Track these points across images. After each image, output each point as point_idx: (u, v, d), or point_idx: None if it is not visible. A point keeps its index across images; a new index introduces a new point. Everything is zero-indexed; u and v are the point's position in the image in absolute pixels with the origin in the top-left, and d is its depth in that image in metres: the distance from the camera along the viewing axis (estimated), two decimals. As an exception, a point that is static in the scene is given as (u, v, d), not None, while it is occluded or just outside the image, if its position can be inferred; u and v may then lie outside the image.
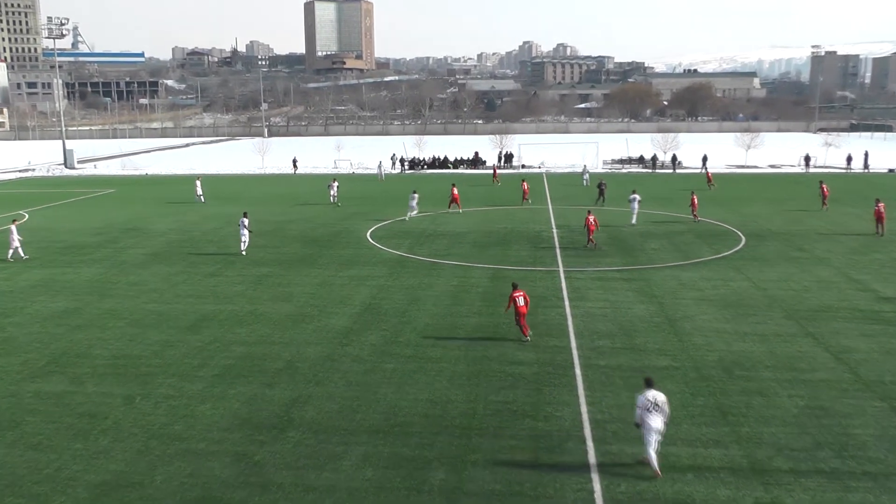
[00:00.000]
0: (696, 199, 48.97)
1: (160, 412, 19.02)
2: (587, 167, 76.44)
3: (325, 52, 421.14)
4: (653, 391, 15.71)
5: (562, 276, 33.27)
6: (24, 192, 71.55)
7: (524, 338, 24.18)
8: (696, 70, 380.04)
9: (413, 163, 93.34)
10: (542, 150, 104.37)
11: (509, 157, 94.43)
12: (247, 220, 39.66)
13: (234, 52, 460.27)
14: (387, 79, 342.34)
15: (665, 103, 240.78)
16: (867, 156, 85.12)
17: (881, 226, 42.71)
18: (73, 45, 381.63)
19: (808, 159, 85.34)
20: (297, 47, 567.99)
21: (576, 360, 22.31)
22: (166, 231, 47.05)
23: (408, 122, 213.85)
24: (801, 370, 21.32)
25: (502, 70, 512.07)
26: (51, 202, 62.77)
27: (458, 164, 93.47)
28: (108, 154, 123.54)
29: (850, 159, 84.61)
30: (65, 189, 73.59)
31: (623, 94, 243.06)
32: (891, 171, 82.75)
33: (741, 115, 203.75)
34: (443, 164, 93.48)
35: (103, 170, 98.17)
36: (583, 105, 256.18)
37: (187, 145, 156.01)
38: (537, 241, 42.12)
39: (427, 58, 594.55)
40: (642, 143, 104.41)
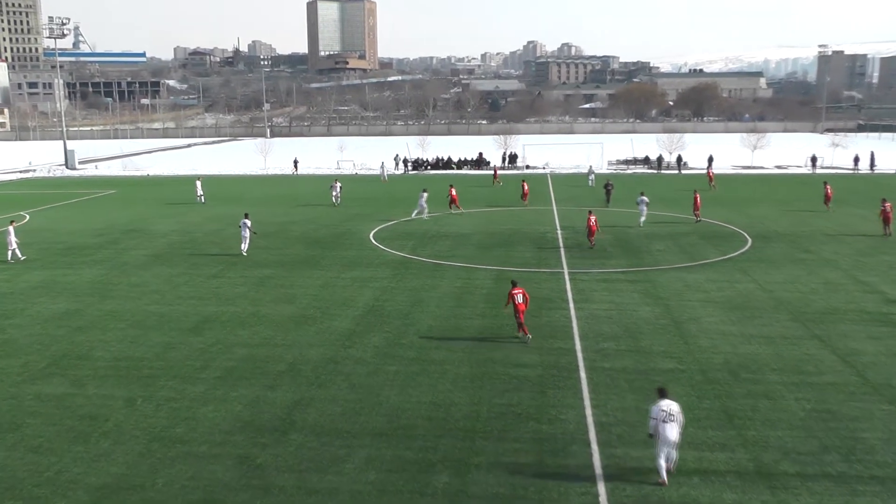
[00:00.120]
0: (699, 199, 48.98)
1: (162, 415, 19.04)
2: (593, 168, 76.39)
3: (327, 52, 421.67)
4: (667, 401, 15.55)
5: (566, 277, 33.26)
6: (25, 193, 71.69)
7: (522, 336, 24.30)
8: (701, 70, 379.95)
9: (416, 163, 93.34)
10: (546, 150, 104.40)
11: (513, 157, 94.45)
12: (248, 221, 39.75)
13: (237, 51, 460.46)
14: (390, 79, 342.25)
15: (670, 103, 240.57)
16: (873, 156, 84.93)
17: (888, 227, 42.70)
18: (74, 44, 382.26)
19: (814, 160, 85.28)
20: (300, 47, 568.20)
21: (580, 363, 22.30)
22: (168, 232, 47.10)
23: (411, 122, 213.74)
24: (807, 373, 21.29)
25: (506, 70, 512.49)
26: (52, 203, 62.89)
27: (462, 164, 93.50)
28: (110, 155, 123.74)
29: (857, 160, 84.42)
30: (66, 190, 73.71)
31: (628, 94, 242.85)
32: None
33: (747, 115, 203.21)
34: (446, 164, 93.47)
35: (104, 170, 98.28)
36: (587, 105, 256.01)
37: (189, 146, 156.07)
38: (542, 242, 42.11)
39: (430, 57, 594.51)
40: (648, 143, 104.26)
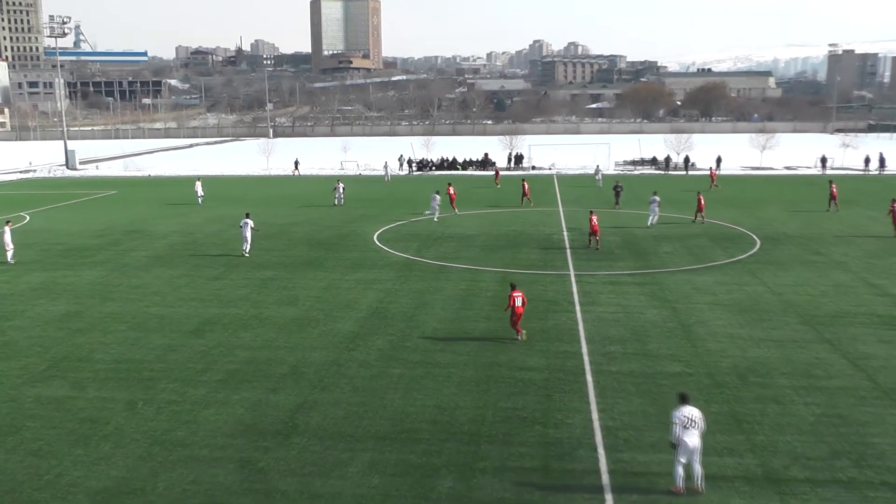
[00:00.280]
0: (702, 200, 49.02)
1: (162, 417, 19.06)
2: (600, 168, 76.36)
3: (331, 52, 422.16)
4: (689, 407, 15.31)
5: (573, 279, 33.24)
6: (25, 194, 71.83)
7: (517, 338, 24.60)
8: (709, 69, 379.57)
9: (421, 164, 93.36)
10: (552, 151, 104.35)
11: (519, 158, 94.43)
12: (250, 221, 39.79)
13: (239, 51, 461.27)
14: (394, 78, 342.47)
15: (678, 103, 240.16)
16: (882, 157, 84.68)
17: None
18: (75, 44, 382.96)
19: (824, 161, 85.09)
20: (303, 46, 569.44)
21: (587, 366, 22.28)
22: (169, 233, 47.16)
23: (416, 122, 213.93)
24: (817, 377, 21.24)
25: (512, 69, 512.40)
26: (52, 203, 63.01)
27: (468, 165, 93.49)
28: (111, 155, 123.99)
29: (867, 160, 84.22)
30: (66, 190, 73.86)
31: (635, 93, 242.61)
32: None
33: (756, 115, 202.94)
34: (451, 165, 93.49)
35: (105, 171, 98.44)
36: (594, 105, 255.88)
37: (191, 146, 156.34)
38: (548, 244, 42.08)
39: (435, 57, 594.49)
40: (655, 143, 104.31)
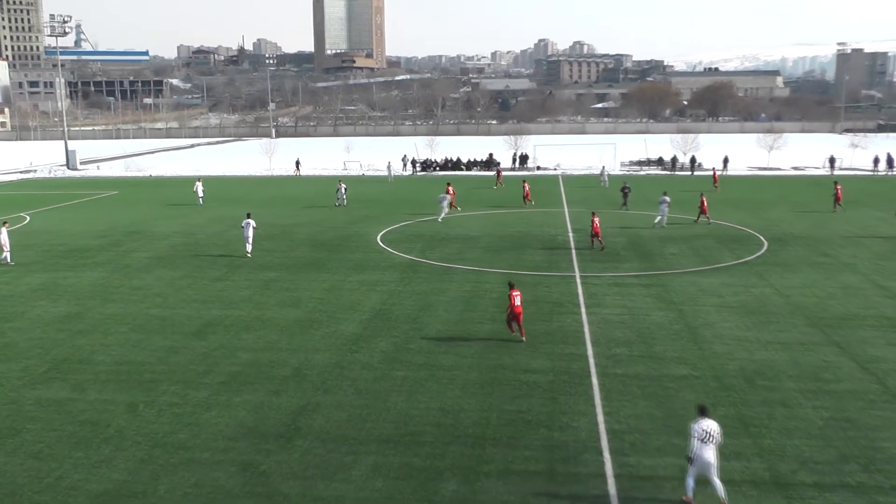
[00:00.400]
0: (705, 201, 49.13)
1: (164, 420, 19.08)
2: (605, 168, 76.30)
3: (334, 51, 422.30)
4: (708, 420, 14.96)
5: (578, 281, 33.23)
6: (26, 194, 71.97)
7: (520, 338, 24.76)
8: (716, 68, 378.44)
9: (425, 164, 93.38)
10: (557, 151, 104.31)
11: (524, 158, 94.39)
12: (252, 221, 39.82)
13: (241, 50, 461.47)
14: (398, 78, 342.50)
15: (685, 103, 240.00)
16: (891, 158, 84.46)
17: None
18: (75, 43, 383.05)
19: (832, 161, 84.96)
20: (306, 45, 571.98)
21: (592, 369, 22.27)
22: (171, 234, 47.21)
23: (419, 122, 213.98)
24: (825, 380, 21.20)
25: (517, 69, 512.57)
26: (53, 204, 63.12)
27: (472, 165, 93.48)
28: (112, 155, 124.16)
29: (876, 161, 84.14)
30: (67, 191, 73.97)
31: (641, 93, 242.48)
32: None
33: (763, 115, 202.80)
34: (455, 165, 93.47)
35: (106, 171, 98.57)
36: (600, 105, 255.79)
37: (192, 146, 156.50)
38: (552, 245, 42.07)
39: (439, 56, 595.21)
40: (661, 144, 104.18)
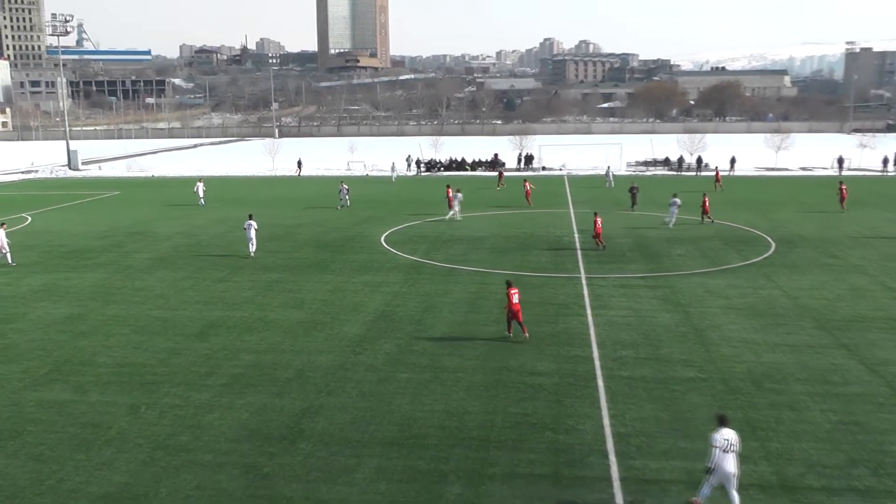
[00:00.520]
0: (707, 201, 49.35)
1: (166, 422, 19.10)
2: (611, 168, 76.25)
3: (338, 50, 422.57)
4: (727, 429, 14.66)
5: (584, 282, 33.20)
6: (27, 194, 72.14)
7: (522, 337, 25.06)
8: (723, 68, 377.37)
9: (430, 165, 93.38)
10: (563, 151, 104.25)
11: (529, 158, 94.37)
12: (254, 223, 39.87)
13: (244, 49, 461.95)
14: (402, 77, 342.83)
15: (691, 103, 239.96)
16: None
17: None
18: (77, 42, 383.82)
19: (841, 161, 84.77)
20: (310, 45, 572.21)
21: (598, 371, 22.25)
22: (173, 235, 47.27)
23: (424, 122, 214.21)
24: (834, 383, 21.16)
25: (522, 68, 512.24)
26: (54, 204, 63.25)
27: (477, 165, 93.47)
28: (114, 155, 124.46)
29: (885, 161, 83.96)
30: (68, 191, 74.13)
31: (648, 93, 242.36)
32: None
33: (771, 115, 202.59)
34: (460, 165, 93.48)
35: (108, 171, 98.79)
36: (606, 105, 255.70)
37: (195, 146, 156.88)
38: (558, 246, 42.05)
39: (444, 55, 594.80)
40: (668, 144, 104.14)
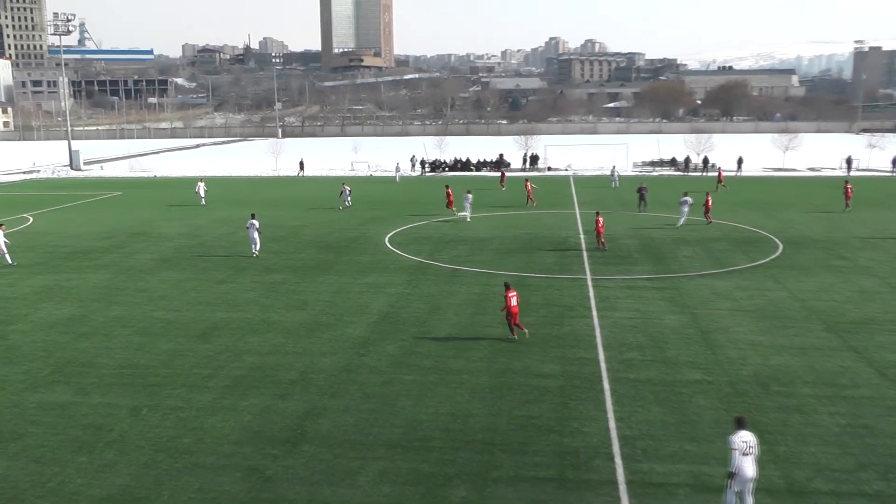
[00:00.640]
0: (710, 201, 49.45)
1: (168, 424, 19.12)
2: (616, 168, 76.18)
3: (341, 49, 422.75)
4: (745, 431, 14.44)
5: (589, 284, 33.18)
6: (29, 195, 72.26)
7: (520, 334, 25.39)
8: (731, 67, 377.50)
9: (434, 165, 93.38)
10: (569, 151, 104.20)
11: (535, 158, 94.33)
12: (256, 222, 39.95)
13: (247, 49, 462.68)
14: (406, 77, 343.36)
15: (698, 102, 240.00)
16: None
17: None
18: (79, 41, 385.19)
19: (850, 162, 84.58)
20: (313, 44, 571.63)
21: (604, 373, 22.23)
22: (175, 235, 47.31)
23: (428, 122, 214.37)
24: (842, 386, 21.11)
25: (527, 68, 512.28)
26: (56, 205, 63.35)
27: (482, 166, 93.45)
28: (116, 155, 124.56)
29: (895, 161, 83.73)
30: (70, 191, 74.24)
31: (654, 92, 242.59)
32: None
33: (778, 114, 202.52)
34: (465, 166, 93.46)
35: (110, 171, 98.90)
36: (612, 104, 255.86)
37: (198, 146, 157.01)
38: (564, 247, 42.03)
39: (449, 55, 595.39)
40: (674, 144, 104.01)
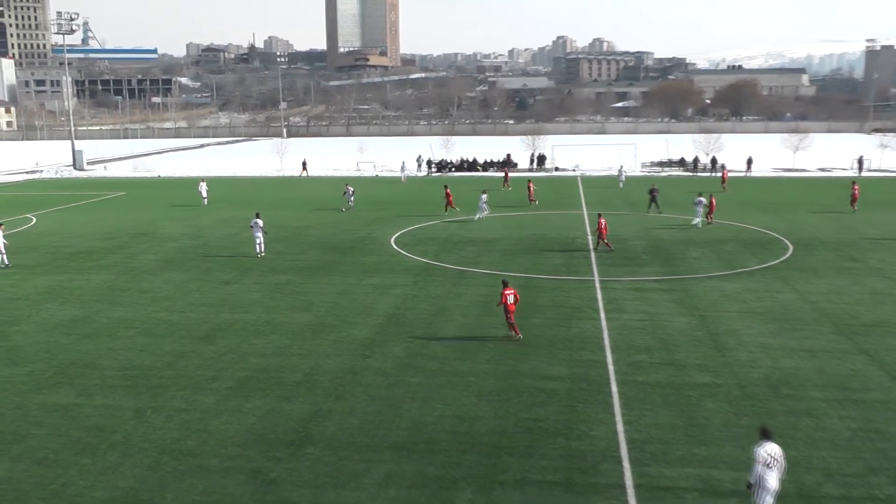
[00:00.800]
0: (714, 202, 49.63)
1: (172, 426, 19.15)
2: (623, 168, 76.09)
3: (347, 49, 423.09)
4: (771, 443, 14.19)
5: (597, 285, 33.14)
6: (32, 195, 72.48)
7: (515, 336, 25.58)
8: (740, 66, 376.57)
9: (440, 165, 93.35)
10: (576, 151, 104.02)
11: (542, 158, 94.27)
12: (260, 221, 40.02)
13: (252, 48, 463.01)
14: (412, 76, 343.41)
15: (707, 102, 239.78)
16: None
17: None
18: (83, 41, 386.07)
19: (861, 162, 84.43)
20: (318, 43, 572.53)
21: (612, 376, 22.20)
22: (179, 236, 47.39)
23: (434, 122, 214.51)
24: (853, 389, 21.06)
25: (535, 67, 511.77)
26: (59, 205, 63.50)
27: (488, 166, 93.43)
28: (119, 155, 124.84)
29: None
30: (74, 191, 74.44)
31: (663, 92, 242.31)
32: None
33: (789, 114, 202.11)
34: (471, 166, 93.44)
35: (114, 171, 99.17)
36: (620, 104, 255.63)
37: (202, 146, 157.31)
38: (571, 248, 42.00)
39: (455, 54, 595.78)
40: (683, 144, 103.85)
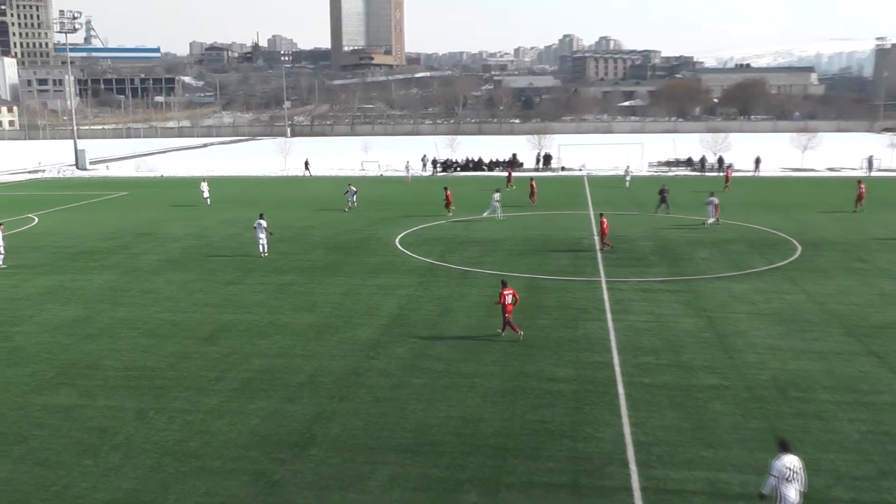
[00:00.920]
0: (717, 203, 49.37)
1: (174, 428, 19.16)
2: (630, 167, 76.01)
3: (351, 47, 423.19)
4: (790, 456, 13.91)
5: (604, 286, 33.11)
6: (34, 195, 72.63)
7: (513, 334, 25.69)
8: (748, 65, 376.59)
9: (445, 164, 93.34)
10: (583, 151, 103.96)
11: (548, 158, 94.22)
12: (264, 222, 40.04)
13: (256, 47, 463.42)
14: (417, 75, 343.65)
15: (715, 101, 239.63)
16: None
17: None
18: (85, 39, 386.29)
19: (871, 161, 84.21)
20: (323, 42, 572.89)
21: (618, 378, 22.18)
22: (182, 236, 47.45)
23: (440, 121, 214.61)
24: (862, 392, 21.01)
25: (541, 66, 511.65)
26: (61, 205, 63.63)
27: (494, 165, 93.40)
28: (122, 155, 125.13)
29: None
30: (76, 191, 74.58)
31: (670, 91, 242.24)
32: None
33: (797, 113, 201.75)
34: (477, 165, 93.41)
35: (116, 171, 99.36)
36: (627, 103, 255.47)
37: (205, 146, 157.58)
38: (577, 248, 41.98)
39: (461, 53, 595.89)
40: (690, 143, 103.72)
